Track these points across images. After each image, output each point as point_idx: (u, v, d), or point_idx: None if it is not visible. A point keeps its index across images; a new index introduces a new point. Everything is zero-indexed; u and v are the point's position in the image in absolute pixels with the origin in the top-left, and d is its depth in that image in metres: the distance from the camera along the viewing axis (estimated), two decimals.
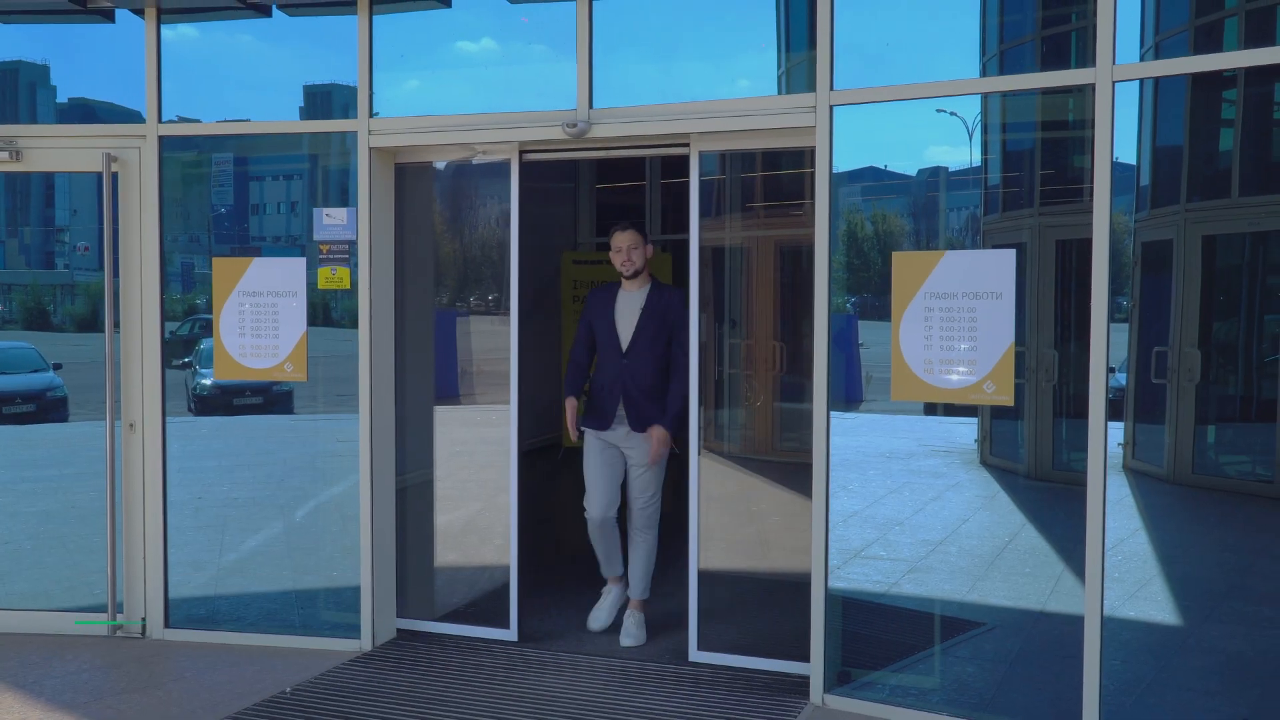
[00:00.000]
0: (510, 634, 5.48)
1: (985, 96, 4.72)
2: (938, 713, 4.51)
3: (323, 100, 5.57)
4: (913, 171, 5.12)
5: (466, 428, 6.04)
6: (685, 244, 5.21)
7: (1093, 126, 4.17)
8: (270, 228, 5.99)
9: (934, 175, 5.04)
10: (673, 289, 5.48)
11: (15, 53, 5.77)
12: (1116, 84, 4.12)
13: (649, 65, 5.27)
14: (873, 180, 5.08)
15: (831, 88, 4.58)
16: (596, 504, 5.46)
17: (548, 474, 6.95)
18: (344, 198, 5.43)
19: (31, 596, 5.68)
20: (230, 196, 5.76)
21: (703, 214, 5.15)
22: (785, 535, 5.46)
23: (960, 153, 4.84)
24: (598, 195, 10.83)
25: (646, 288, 5.43)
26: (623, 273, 5.37)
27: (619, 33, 5.05)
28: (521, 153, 5.32)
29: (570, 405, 5.45)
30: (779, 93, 5.03)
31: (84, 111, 5.75)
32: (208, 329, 5.63)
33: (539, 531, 6.40)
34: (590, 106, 4.97)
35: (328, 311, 5.57)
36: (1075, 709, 4.26)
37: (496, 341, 6.01)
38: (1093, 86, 4.13)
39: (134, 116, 5.48)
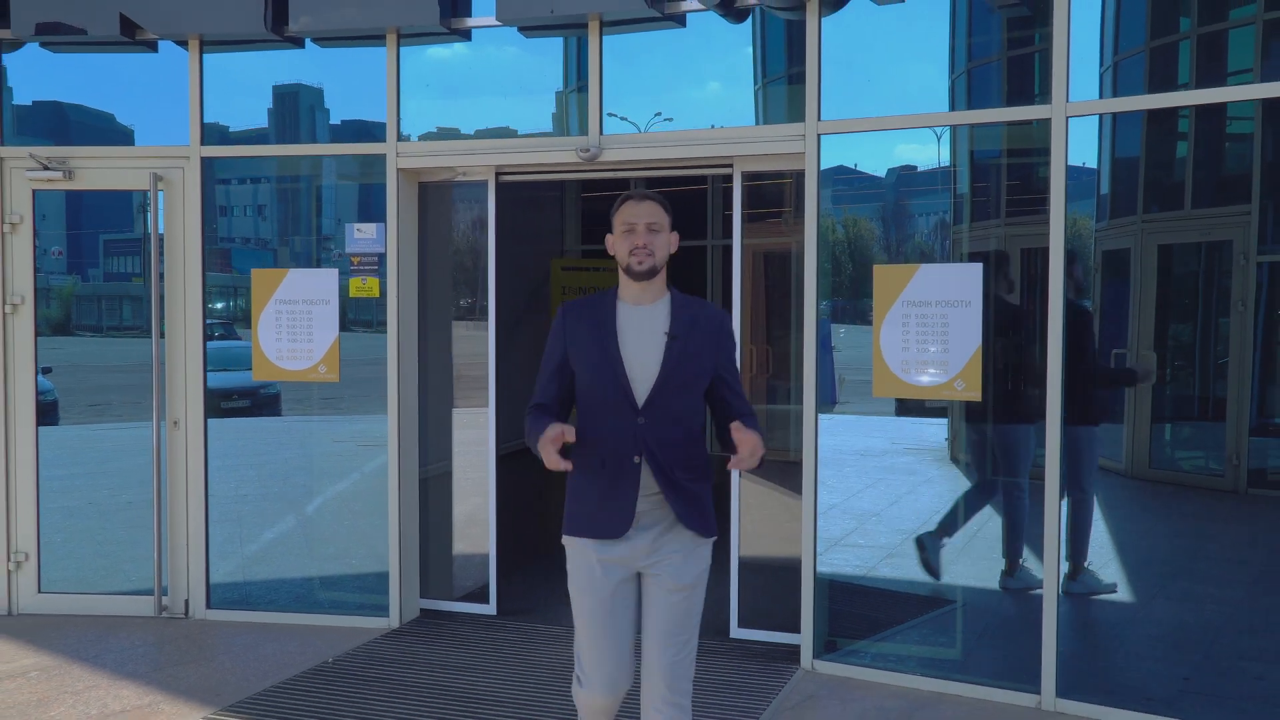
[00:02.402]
0: (490, 608, 6.00)
1: (951, 89, 5.14)
2: (914, 674, 5.03)
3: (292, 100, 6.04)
4: (882, 172, 5.43)
5: (456, 430, 6.39)
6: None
7: (1050, 154, 4.69)
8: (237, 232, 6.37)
9: (903, 177, 5.39)
10: (706, 302, 3.50)
11: None
12: (1070, 119, 4.64)
13: (649, 96, 5.74)
14: (844, 185, 5.32)
15: (819, 118, 5.09)
16: (602, 675, 3.35)
17: (534, 473, 7.26)
18: (320, 206, 5.94)
19: (72, 582, 6.08)
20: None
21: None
22: (771, 526, 5.82)
23: (928, 153, 5.25)
24: (583, 204, 11.25)
25: (666, 299, 3.37)
26: (631, 268, 3.29)
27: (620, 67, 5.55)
28: (498, 174, 5.83)
29: (553, 431, 3.14)
30: (755, 114, 5.48)
31: (53, 113, 6.13)
32: None
33: (534, 522, 6.90)
34: (600, 133, 5.47)
35: None
36: (1035, 671, 4.78)
37: (475, 347, 6.30)
38: (1049, 121, 4.65)
39: (106, 119, 6.00)
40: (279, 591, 6.06)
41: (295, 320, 5.80)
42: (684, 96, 5.63)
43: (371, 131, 5.85)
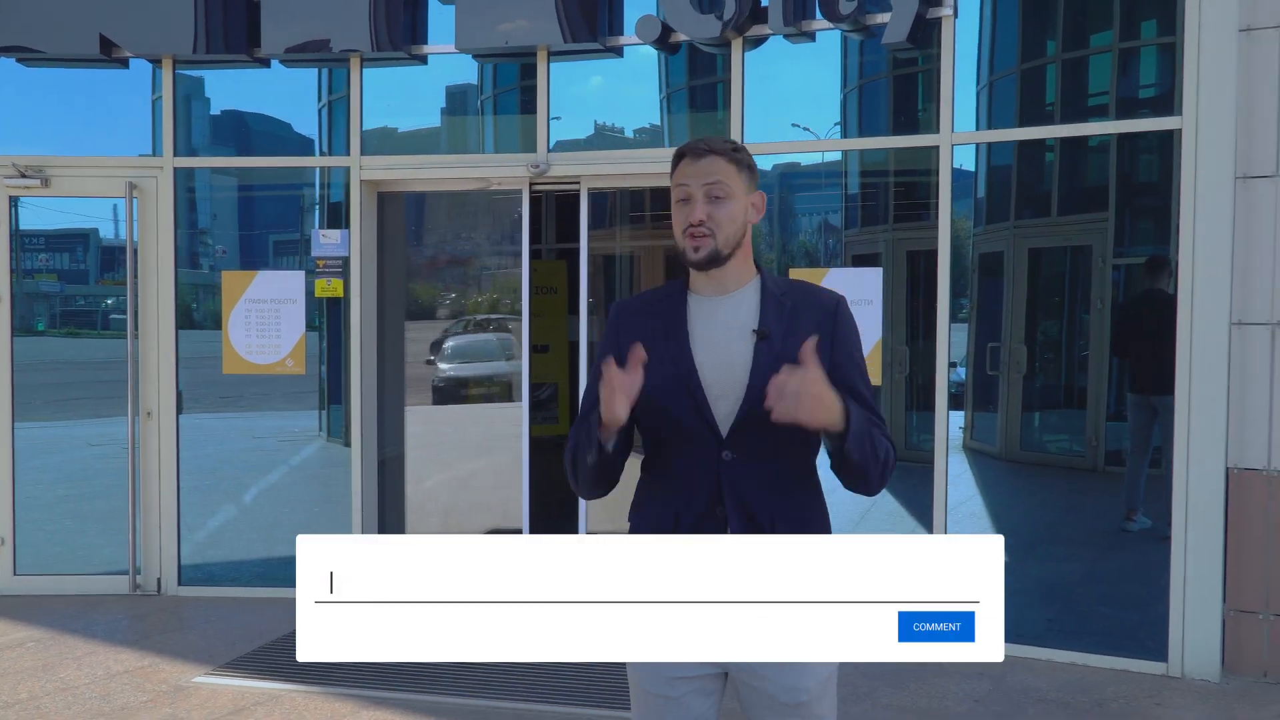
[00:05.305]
0: None
1: (845, 115, 5.90)
2: None
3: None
4: (767, 166, 5.91)
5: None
6: (575, 253, 6.09)
7: (937, 175, 5.48)
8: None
9: (787, 175, 5.92)
10: (812, 285, 2.53)
11: None
12: (955, 146, 5.46)
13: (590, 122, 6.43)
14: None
15: (743, 140, 5.84)
16: None
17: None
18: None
19: (44, 564, 6.46)
20: None
21: (595, 226, 6.19)
22: None
23: (812, 158, 5.95)
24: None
25: (754, 284, 2.43)
26: (686, 255, 2.36)
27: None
28: (531, 184, 6.33)
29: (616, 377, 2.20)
30: (668, 136, 6.25)
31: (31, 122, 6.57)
32: None
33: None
34: (549, 150, 6.13)
35: (191, 315, 6.49)
36: None
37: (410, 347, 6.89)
38: (937, 149, 5.47)
39: (82, 129, 6.53)
40: (240, 570, 6.53)
41: (264, 318, 6.31)
42: (620, 118, 6.34)
43: (336, 146, 6.41)
